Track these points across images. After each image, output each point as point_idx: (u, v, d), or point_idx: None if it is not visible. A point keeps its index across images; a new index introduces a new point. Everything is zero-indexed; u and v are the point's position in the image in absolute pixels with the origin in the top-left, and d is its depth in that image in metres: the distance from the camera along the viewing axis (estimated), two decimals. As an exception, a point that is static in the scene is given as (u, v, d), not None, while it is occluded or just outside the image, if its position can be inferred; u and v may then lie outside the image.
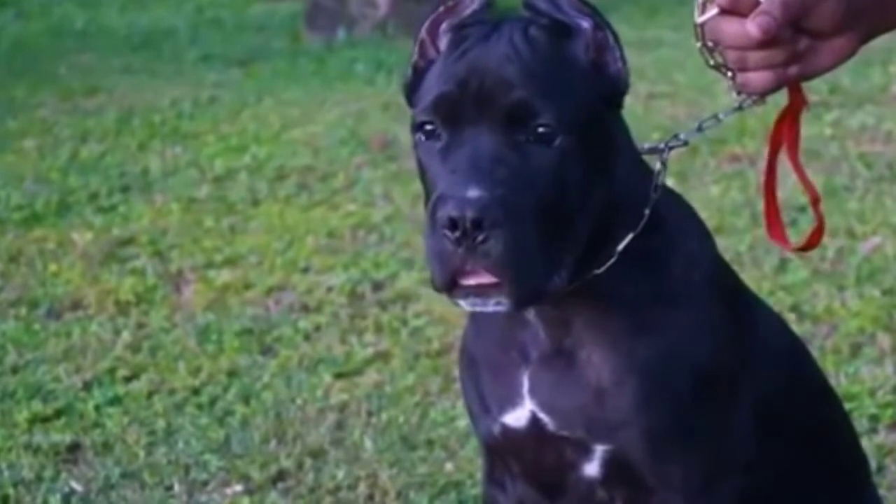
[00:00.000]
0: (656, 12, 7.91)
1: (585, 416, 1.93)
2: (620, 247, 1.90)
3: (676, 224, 1.97)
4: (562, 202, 1.81)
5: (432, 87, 1.86)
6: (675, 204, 1.99)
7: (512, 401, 1.97)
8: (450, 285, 1.80)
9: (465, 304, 1.83)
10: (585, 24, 1.85)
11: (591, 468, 1.95)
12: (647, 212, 1.92)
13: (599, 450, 1.94)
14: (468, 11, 1.89)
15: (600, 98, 1.87)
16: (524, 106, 1.80)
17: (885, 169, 4.83)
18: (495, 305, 1.81)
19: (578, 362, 1.94)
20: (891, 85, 5.83)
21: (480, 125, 1.81)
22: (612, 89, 1.87)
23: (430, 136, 1.85)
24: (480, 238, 1.75)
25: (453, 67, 1.84)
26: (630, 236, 1.90)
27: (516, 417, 1.97)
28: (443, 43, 1.90)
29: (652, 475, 1.94)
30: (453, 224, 1.75)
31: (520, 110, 1.80)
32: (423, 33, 1.91)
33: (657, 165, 1.95)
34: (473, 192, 1.76)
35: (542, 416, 1.95)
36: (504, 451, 2.03)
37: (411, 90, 1.92)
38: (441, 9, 1.90)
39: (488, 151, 1.79)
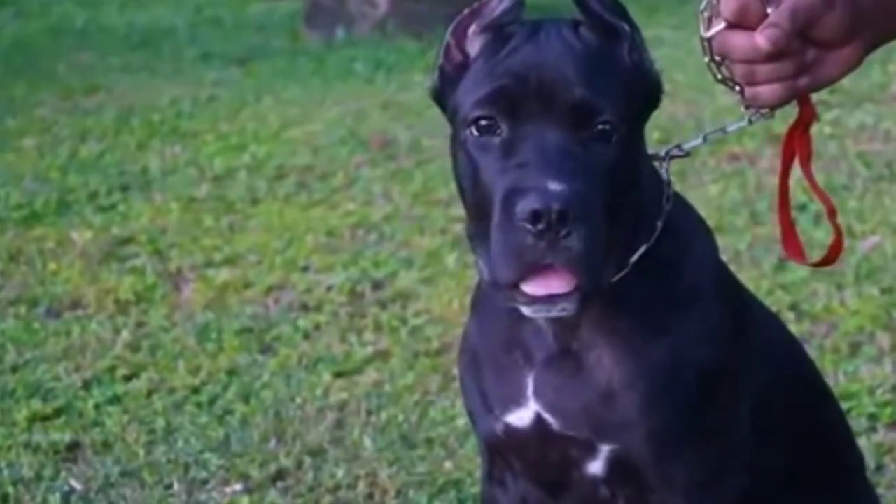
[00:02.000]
0: (656, 11, 7.89)
1: (592, 416, 1.93)
2: (634, 258, 1.90)
3: (685, 230, 1.98)
4: (617, 200, 1.82)
5: (482, 83, 1.84)
6: (682, 207, 1.99)
7: (516, 401, 1.97)
8: (515, 282, 1.77)
9: (529, 311, 1.81)
10: (626, 25, 1.86)
11: (595, 466, 1.96)
12: (659, 224, 1.92)
13: (605, 449, 1.94)
14: (498, 12, 1.87)
15: (643, 97, 1.88)
16: (587, 103, 1.80)
17: (884, 168, 4.83)
18: (559, 311, 1.80)
19: (587, 364, 1.94)
20: (890, 84, 5.82)
21: (543, 121, 1.79)
22: (652, 89, 1.88)
23: (486, 131, 1.82)
24: (564, 232, 1.73)
25: (505, 63, 1.83)
26: (644, 248, 1.91)
27: (520, 417, 1.97)
28: (473, 46, 1.88)
29: (655, 474, 1.94)
30: (537, 217, 1.73)
31: (584, 108, 1.80)
32: (448, 37, 1.90)
33: (663, 175, 1.96)
34: (555, 185, 1.74)
35: (547, 416, 1.95)
36: (506, 450, 2.03)
37: (442, 93, 1.91)
38: (465, 12, 1.89)
39: (557, 146, 1.78)
